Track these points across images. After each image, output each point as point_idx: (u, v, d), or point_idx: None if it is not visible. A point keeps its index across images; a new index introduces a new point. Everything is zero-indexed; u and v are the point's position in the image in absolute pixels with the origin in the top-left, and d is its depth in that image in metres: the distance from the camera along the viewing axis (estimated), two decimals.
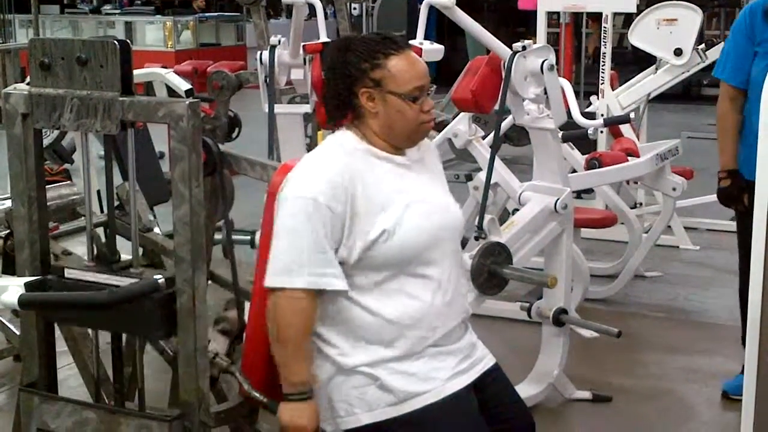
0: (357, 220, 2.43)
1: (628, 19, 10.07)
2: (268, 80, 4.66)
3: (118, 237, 2.75)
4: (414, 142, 2.57)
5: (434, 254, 2.51)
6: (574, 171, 5.54)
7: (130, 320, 2.47)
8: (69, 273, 2.56)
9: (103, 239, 2.83)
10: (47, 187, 2.73)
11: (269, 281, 2.44)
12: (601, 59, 6.60)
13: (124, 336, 2.73)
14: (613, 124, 5.87)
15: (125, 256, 2.77)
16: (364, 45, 2.51)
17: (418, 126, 2.53)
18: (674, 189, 5.38)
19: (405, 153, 2.57)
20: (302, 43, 4.64)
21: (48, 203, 2.72)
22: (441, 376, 2.50)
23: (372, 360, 2.47)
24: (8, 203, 3.29)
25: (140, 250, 3.30)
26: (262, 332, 2.58)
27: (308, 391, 2.47)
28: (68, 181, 4.49)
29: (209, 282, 3.15)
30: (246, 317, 2.85)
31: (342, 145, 2.52)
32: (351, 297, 2.48)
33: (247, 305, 2.89)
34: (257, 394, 2.65)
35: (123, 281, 2.48)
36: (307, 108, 4.80)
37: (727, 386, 4.23)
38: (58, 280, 2.55)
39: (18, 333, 3.65)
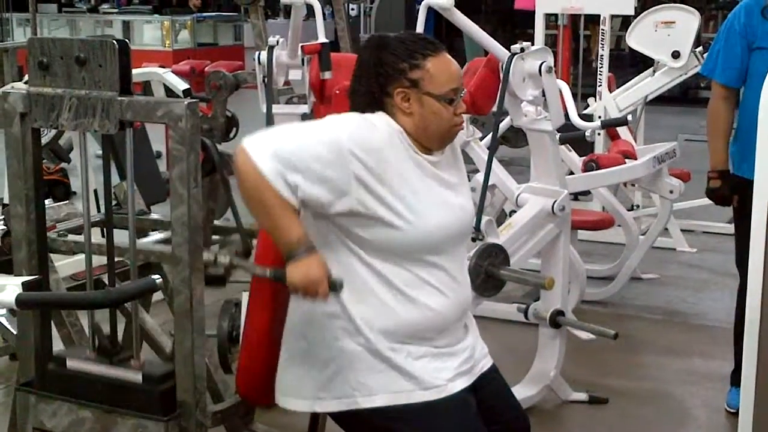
0: (379, 183, 2.38)
1: (625, 21, 10.08)
2: (266, 80, 4.65)
3: (116, 231, 2.74)
4: (444, 144, 2.56)
5: (446, 248, 2.51)
6: (572, 173, 5.54)
7: (130, 404, 2.51)
8: (71, 364, 2.58)
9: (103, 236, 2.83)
10: (47, 207, 2.73)
11: (257, 145, 2.34)
12: (599, 61, 6.60)
13: (120, 331, 2.73)
14: (610, 126, 5.87)
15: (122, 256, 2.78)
16: (402, 44, 2.49)
17: (450, 128, 2.52)
18: (671, 191, 5.39)
19: (432, 151, 2.55)
20: (300, 44, 4.63)
21: (48, 222, 2.72)
22: (444, 376, 2.49)
23: (381, 345, 2.45)
24: None
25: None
26: (261, 332, 2.58)
27: (309, 245, 2.39)
28: (67, 201, 4.50)
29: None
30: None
31: (378, 122, 2.48)
32: (361, 278, 2.45)
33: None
34: (263, 270, 2.54)
35: (124, 374, 2.53)
36: (305, 108, 4.79)
37: (730, 404, 4.15)
38: (59, 370, 2.59)
39: (15, 332, 3.65)
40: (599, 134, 6.23)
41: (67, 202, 4.02)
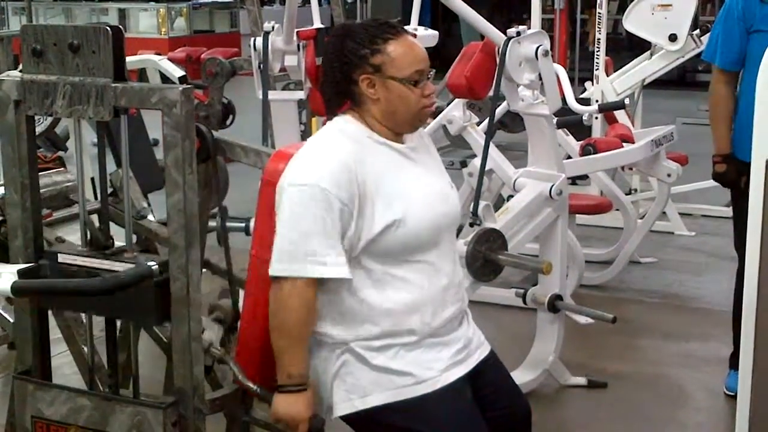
0: (364, 209, 2.40)
1: (622, 4, 10.06)
2: (262, 67, 4.64)
3: (112, 224, 2.74)
4: (415, 127, 2.56)
5: (433, 241, 2.50)
6: (569, 157, 5.53)
7: (123, 306, 2.47)
8: (62, 258, 2.55)
9: (97, 225, 2.82)
10: (40, 174, 2.72)
11: (273, 270, 2.40)
12: (596, 45, 6.59)
13: (118, 323, 2.73)
14: (607, 110, 5.86)
15: (119, 243, 2.77)
16: (363, 31, 2.48)
17: (419, 110, 2.51)
18: (669, 175, 5.39)
19: (404, 140, 2.55)
20: (296, 30, 4.62)
21: (41, 190, 2.71)
22: (437, 366, 2.49)
23: (370, 346, 2.46)
24: None
25: (134, 238, 3.29)
26: (257, 322, 2.57)
27: (304, 383, 2.45)
28: (61, 168, 4.46)
29: (204, 270, 3.16)
30: (240, 306, 2.84)
31: (344, 131, 2.49)
32: (349, 285, 2.45)
33: (241, 294, 2.87)
34: (251, 385, 2.64)
35: (116, 266, 2.48)
36: (301, 94, 4.79)
37: (729, 387, 4.16)
38: (51, 264, 2.55)
39: (12, 321, 3.65)
40: (596, 118, 6.23)
41: (60, 169, 3.99)
